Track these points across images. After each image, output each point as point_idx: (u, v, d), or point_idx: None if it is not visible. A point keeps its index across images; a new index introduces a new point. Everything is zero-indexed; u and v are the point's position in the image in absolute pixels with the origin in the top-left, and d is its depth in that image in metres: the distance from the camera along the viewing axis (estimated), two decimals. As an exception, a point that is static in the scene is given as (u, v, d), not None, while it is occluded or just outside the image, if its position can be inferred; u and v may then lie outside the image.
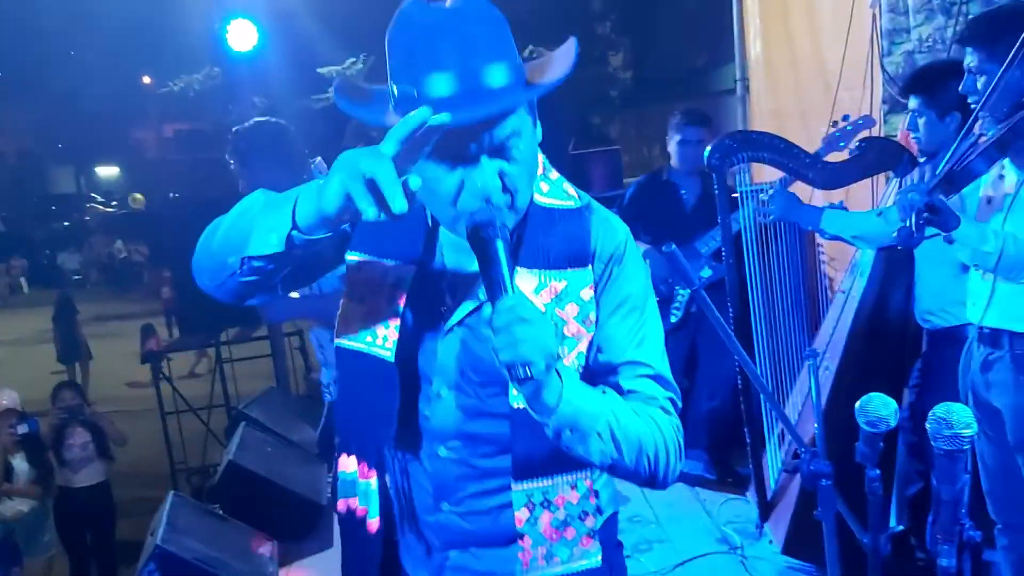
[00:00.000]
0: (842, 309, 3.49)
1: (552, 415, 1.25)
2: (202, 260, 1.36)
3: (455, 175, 1.27)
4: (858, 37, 4.35)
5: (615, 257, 1.41)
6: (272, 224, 1.23)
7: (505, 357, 1.17)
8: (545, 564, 1.41)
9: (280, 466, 4.47)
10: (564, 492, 1.41)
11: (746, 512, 3.97)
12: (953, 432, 1.42)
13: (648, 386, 1.40)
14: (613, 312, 1.40)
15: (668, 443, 1.36)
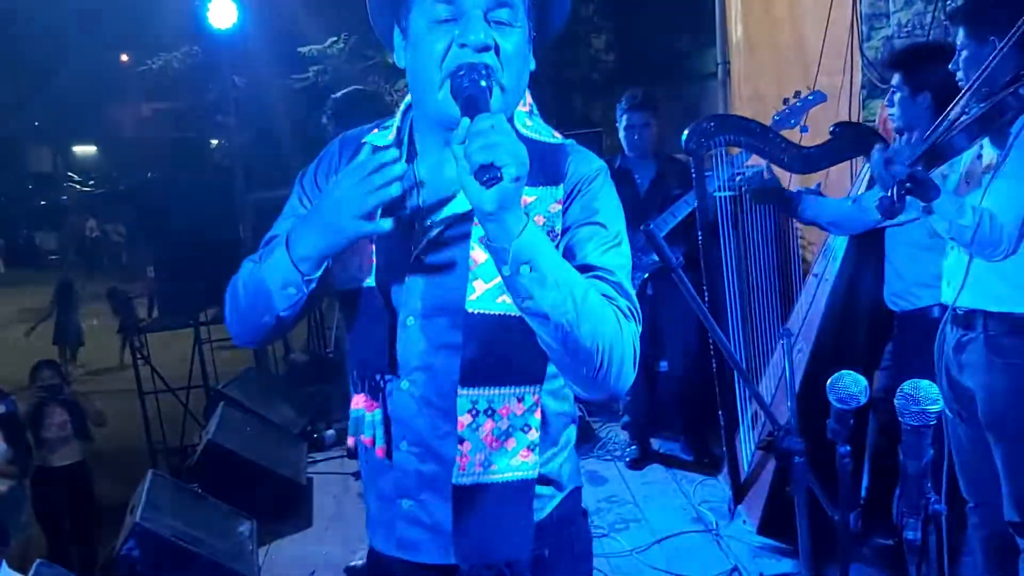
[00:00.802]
0: (815, 292, 3.53)
1: (513, 240, 1.20)
2: (240, 324, 1.48)
3: (446, 36, 1.31)
4: (838, 22, 4.37)
5: (587, 179, 1.43)
6: (283, 280, 1.36)
7: (478, 158, 1.14)
8: (482, 470, 1.40)
9: (259, 446, 4.48)
10: (509, 403, 1.40)
11: (721, 492, 4.03)
12: (920, 408, 1.45)
13: (607, 288, 1.35)
14: (580, 224, 1.40)
15: (625, 339, 1.30)
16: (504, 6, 1.32)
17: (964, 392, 2.66)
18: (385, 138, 1.48)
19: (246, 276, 1.44)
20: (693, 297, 1.83)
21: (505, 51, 1.33)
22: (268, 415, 5.09)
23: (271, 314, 1.40)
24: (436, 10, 1.32)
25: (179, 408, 5.87)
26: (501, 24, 1.33)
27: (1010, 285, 2.51)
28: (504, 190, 1.16)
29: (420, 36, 1.34)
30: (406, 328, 1.44)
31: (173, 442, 5.78)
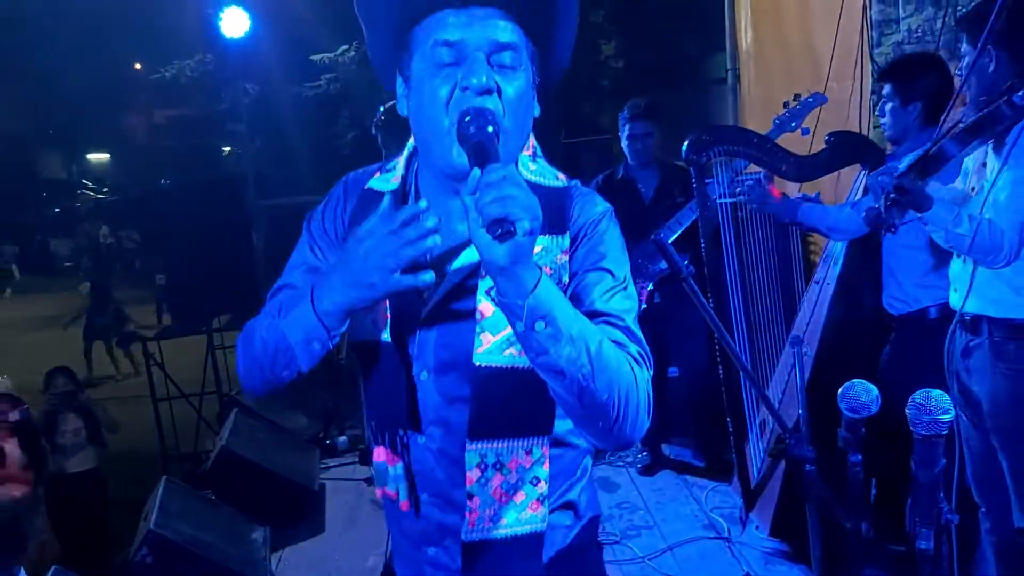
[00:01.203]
0: (817, 297, 3.54)
1: (528, 296, 1.17)
2: (255, 377, 1.44)
3: (449, 80, 1.29)
4: (848, 28, 4.37)
5: (593, 223, 1.41)
6: (307, 336, 1.33)
7: (492, 211, 1.11)
8: (491, 525, 1.39)
9: (272, 452, 4.50)
10: (518, 456, 1.38)
11: (733, 499, 4.02)
12: (932, 418, 1.45)
13: (617, 335, 1.32)
14: (586, 270, 1.38)
15: (639, 388, 1.28)
16: (506, 49, 1.30)
17: (973, 397, 2.67)
18: (388, 182, 1.46)
19: (264, 331, 1.39)
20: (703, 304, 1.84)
21: (508, 94, 1.30)
22: (281, 421, 5.12)
23: (292, 369, 1.38)
24: (438, 53, 1.30)
25: (192, 414, 5.90)
26: (504, 67, 1.30)
27: (1014, 291, 2.53)
28: (518, 244, 1.13)
29: (423, 81, 1.31)
30: (420, 382, 1.43)
31: (186, 448, 5.81)
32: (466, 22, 1.29)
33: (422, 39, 1.32)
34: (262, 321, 1.42)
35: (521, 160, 1.42)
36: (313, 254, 1.49)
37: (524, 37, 1.33)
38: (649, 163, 4.35)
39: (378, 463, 1.49)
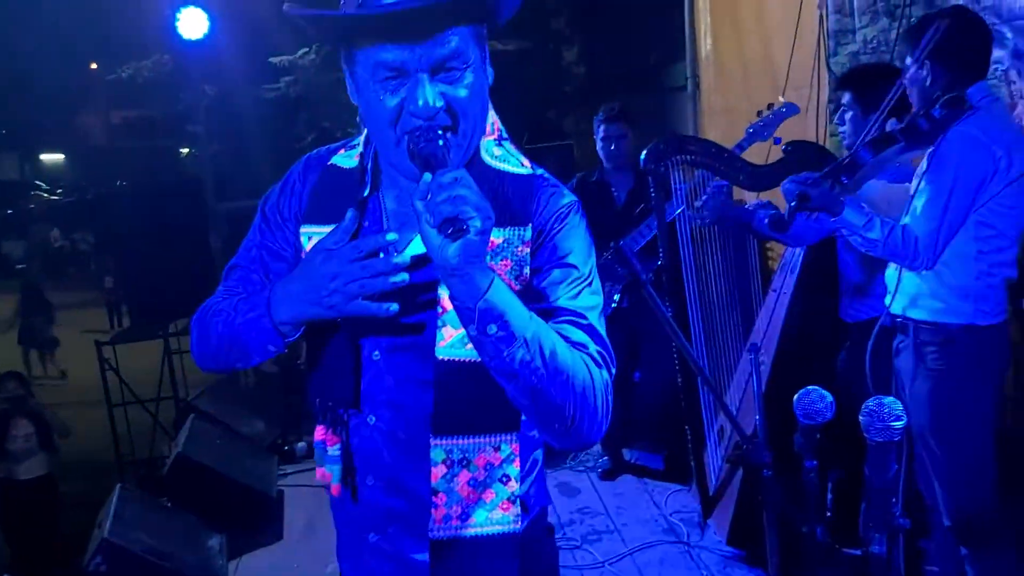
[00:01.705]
0: (774, 306, 3.58)
1: (480, 299, 1.16)
2: (208, 362, 1.49)
3: (396, 96, 1.26)
4: (806, 38, 4.44)
5: (558, 216, 1.38)
6: (264, 340, 1.35)
7: (443, 210, 1.11)
8: (459, 523, 1.37)
9: (230, 458, 4.45)
10: (486, 453, 1.36)
11: (692, 503, 4.05)
12: (884, 424, 1.48)
13: (579, 334, 1.30)
14: (550, 266, 1.35)
15: (596, 389, 1.26)
16: (450, 59, 1.26)
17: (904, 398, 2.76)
18: (351, 159, 1.46)
19: (221, 327, 1.40)
20: (661, 311, 1.85)
21: (459, 100, 1.28)
22: (238, 427, 5.06)
23: (245, 363, 1.42)
24: (380, 72, 1.26)
25: (148, 420, 5.82)
26: (451, 72, 1.27)
27: (935, 296, 2.65)
28: (469, 243, 1.13)
29: (366, 89, 1.29)
30: (372, 362, 1.41)
31: (142, 454, 5.73)
32: (405, 39, 1.23)
33: (363, 52, 1.28)
34: (218, 311, 1.43)
35: (485, 145, 1.41)
36: (263, 235, 1.49)
37: (463, 26, 1.26)
38: (623, 166, 4.37)
39: (317, 442, 1.48)
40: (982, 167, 2.51)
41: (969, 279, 2.60)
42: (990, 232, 2.57)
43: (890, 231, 2.59)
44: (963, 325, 2.61)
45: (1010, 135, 2.56)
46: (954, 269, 2.60)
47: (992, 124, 2.54)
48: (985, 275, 2.60)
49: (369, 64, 1.26)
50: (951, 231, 2.55)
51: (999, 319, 2.64)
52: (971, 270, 2.59)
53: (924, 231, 2.55)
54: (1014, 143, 2.53)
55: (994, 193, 2.52)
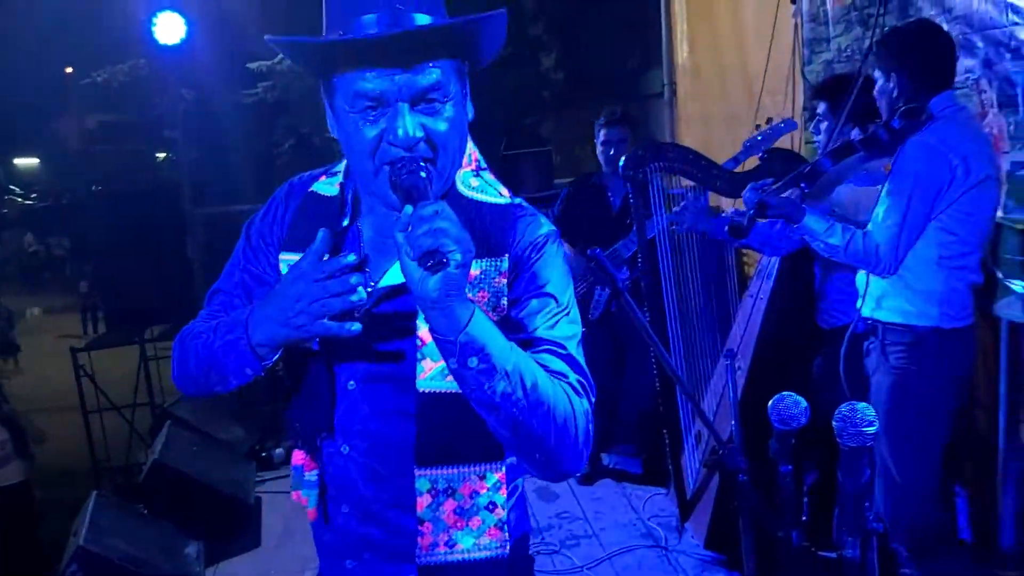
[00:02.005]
0: (751, 311, 3.61)
1: (460, 332, 1.16)
2: (189, 387, 1.48)
3: (376, 126, 1.27)
4: (781, 46, 4.49)
5: (535, 246, 1.38)
6: (241, 364, 1.35)
7: (423, 243, 1.11)
8: (446, 550, 1.39)
9: (206, 465, 4.42)
10: (471, 481, 1.38)
11: (670, 507, 4.07)
12: (857, 430, 1.50)
13: (558, 364, 1.30)
14: (528, 296, 1.35)
15: (577, 419, 1.26)
16: (430, 91, 1.27)
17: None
18: (332, 187, 1.46)
19: (200, 348, 1.40)
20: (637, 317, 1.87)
21: (439, 133, 1.29)
22: (215, 433, 5.03)
23: (224, 387, 1.42)
24: (359, 103, 1.26)
25: (124, 426, 5.77)
26: (431, 104, 1.28)
27: (901, 299, 2.73)
28: (450, 277, 1.12)
29: (346, 119, 1.29)
30: (347, 392, 1.41)
31: (118, 461, 5.68)
32: (385, 72, 1.24)
33: (344, 82, 1.28)
34: (197, 334, 1.42)
35: (462, 176, 1.41)
36: (246, 259, 1.50)
37: (444, 61, 1.28)
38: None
39: (295, 466, 1.49)
40: (939, 175, 2.59)
41: (933, 284, 2.67)
42: (951, 238, 2.64)
43: (851, 238, 2.67)
44: (929, 328, 2.68)
45: (970, 143, 2.62)
46: (918, 274, 2.67)
47: (951, 133, 2.61)
48: (948, 280, 2.67)
49: (349, 94, 1.26)
50: (911, 238, 2.63)
51: (964, 323, 2.71)
52: (935, 275, 2.67)
53: (884, 238, 2.63)
54: (973, 151, 2.60)
55: (952, 200, 2.60)
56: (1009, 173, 2.94)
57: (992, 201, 2.68)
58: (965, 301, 2.70)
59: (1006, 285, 2.98)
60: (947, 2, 3.24)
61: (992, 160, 2.67)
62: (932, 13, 3.30)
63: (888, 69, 2.73)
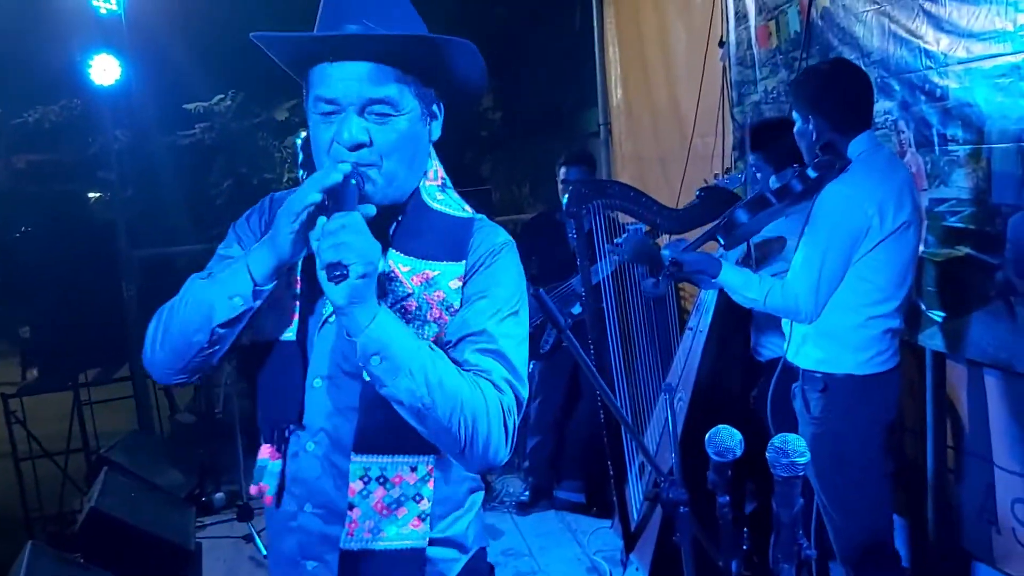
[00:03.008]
0: (691, 344, 3.70)
1: (361, 333, 1.28)
2: (163, 349, 1.46)
3: (330, 128, 1.40)
4: (710, 88, 4.64)
5: (491, 252, 1.49)
6: (231, 291, 1.39)
7: (327, 256, 1.23)
8: (371, 536, 1.44)
9: (145, 511, 4.34)
10: (402, 471, 1.44)
11: (615, 540, 4.11)
12: (790, 460, 1.57)
13: (486, 361, 1.41)
14: (478, 296, 1.46)
15: (491, 413, 1.35)
16: (379, 102, 1.39)
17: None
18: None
19: (184, 291, 1.45)
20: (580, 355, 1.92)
21: (382, 142, 1.40)
22: (154, 479, 4.94)
23: (206, 330, 1.40)
24: (319, 106, 1.41)
25: (56, 473, 5.62)
26: (383, 115, 1.40)
27: (816, 345, 2.74)
28: (352, 286, 1.24)
29: (311, 120, 1.44)
30: (313, 389, 1.48)
31: (51, 510, 5.52)
32: (342, 76, 1.37)
33: (310, 86, 1.43)
34: (190, 284, 1.48)
35: (428, 191, 1.53)
36: (237, 247, 1.57)
37: (407, 79, 1.40)
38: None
39: (260, 460, 1.53)
40: (854, 225, 2.58)
41: (848, 330, 2.67)
42: (867, 285, 2.64)
43: (769, 290, 2.67)
44: (844, 375, 2.69)
45: (886, 189, 2.61)
46: (833, 320, 2.67)
47: (867, 179, 2.61)
48: (862, 327, 2.66)
49: (312, 97, 1.42)
50: (831, 286, 2.62)
51: (881, 369, 2.70)
52: (849, 320, 2.66)
53: (803, 288, 2.62)
54: (889, 198, 2.59)
55: (868, 249, 2.60)
56: (928, 210, 3.03)
57: (909, 246, 2.67)
58: (882, 347, 2.69)
59: (928, 316, 3.11)
60: (865, 47, 3.39)
61: (911, 203, 2.66)
62: (852, 57, 3.45)
63: (806, 111, 2.72)
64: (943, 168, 3.03)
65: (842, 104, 2.68)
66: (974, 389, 3.06)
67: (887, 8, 3.22)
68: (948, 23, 2.91)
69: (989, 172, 2.81)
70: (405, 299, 1.44)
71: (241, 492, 4.87)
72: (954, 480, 3.23)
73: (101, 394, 6.15)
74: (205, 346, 1.41)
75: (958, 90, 2.90)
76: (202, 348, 1.42)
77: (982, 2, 2.74)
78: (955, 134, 2.94)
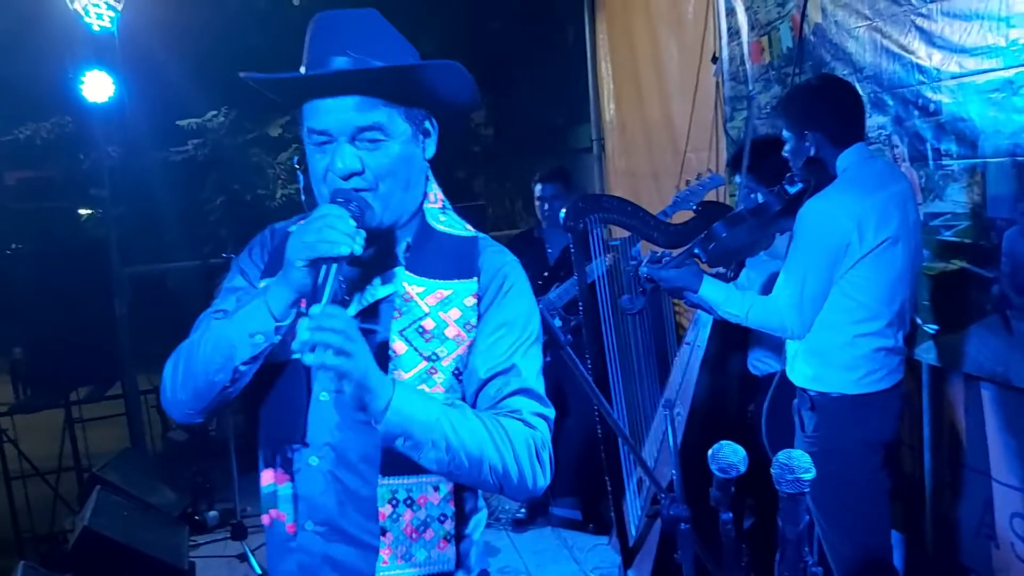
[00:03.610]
0: (688, 359, 3.69)
1: (380, 421, 1.30)
2: (185, 390, 1.47)
3: (325, 158, 1.44)
4: (703, 103, 4.65)
5: (501, 272, 1.52)
6: (252, 328, 1.40)
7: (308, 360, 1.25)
8: (404, 563, 1.44)
9: (138, 530, 4.30)
10: (426, 492, 1.45)
11: (612, 556, 4.09)
12: (795, 476, 1.56)
13: (516, 401, 1.46)
14: (494, 329, 1.48)
15: (519, 455, 1.40)
16: (368, 129, 1.42)
17: None
18: None
19: (203, 332, 1.45)
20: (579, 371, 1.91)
21: (376, 167, 1.44)
22: (147, 497, 4.89)
23: (228, 369, 1.41)
24: (312, 137, 1.45)
25: (48, 493, 5.57)
26: (374, 141, 1.43)
27: (807, 363, 2.72)
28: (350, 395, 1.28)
29: (307, 150, 1.49)
30: (319, 403, 1.48)
31: (42, 530, 5.47)
32: (331, 109, 1.41)
33: (303, 118, 1.47)
34: (207, 325, 1.48)
35: (431, 213, 1.57)
36: (243, 279, 1.58)
37: (394, 105, 1.44)
38: (558, 224, 4.47)
39: (266, 487, 1.51)
40: (832, 241, 2.55)
41: (834, 347, 2.64)
42: (851, 303, 2.60)
43: (751, 306, 2.66)
44: (836, 395, 2.65)
45: (868, 204, 2.56)
46: (819, 337, 2.64)
47: (845, 194, 2.58)
48: (849, 345, 2.62)
49: (305, 129, 1.46)
50: (814, 303, 2.60)
51: (875, 388, 2.65)
52: (835, 339, 2.63)
53: (787, 304, 2.60)
54: (869, 214, 2.54)
55: (850, 265, 2.57)
56: (923, 224, 3.06)
57: (895, 263, 2.61)
58: (873, 366, 2.64)
59: (924, 329, 3.11)
60: (858, 62, 3.40)
61: (898, 218, 2.60)
62: (845, 72, 3.47)
63: (800, 127, 2.69)
64: (938, 182, 3.04)
65: (836, 115, 2.67)
66: (971, 403, 3.05)
67: (879, 24, 3.24)
68: (940, 39, 2.93)
69: (984, 186, 2.81)
70: (422, 319, 1.45)
71: (235, 510, 4.84)
72: (952, 495, 3.22)
73: (92, 411, 6.12)
74: (228, 385, 1.43)
75: (951, 105, 2.91)
76: (224, 387, 1.43)
77: (974, 17, 2.76)
78: (949, 148, 2.95)
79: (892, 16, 3.16)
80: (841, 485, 2.64)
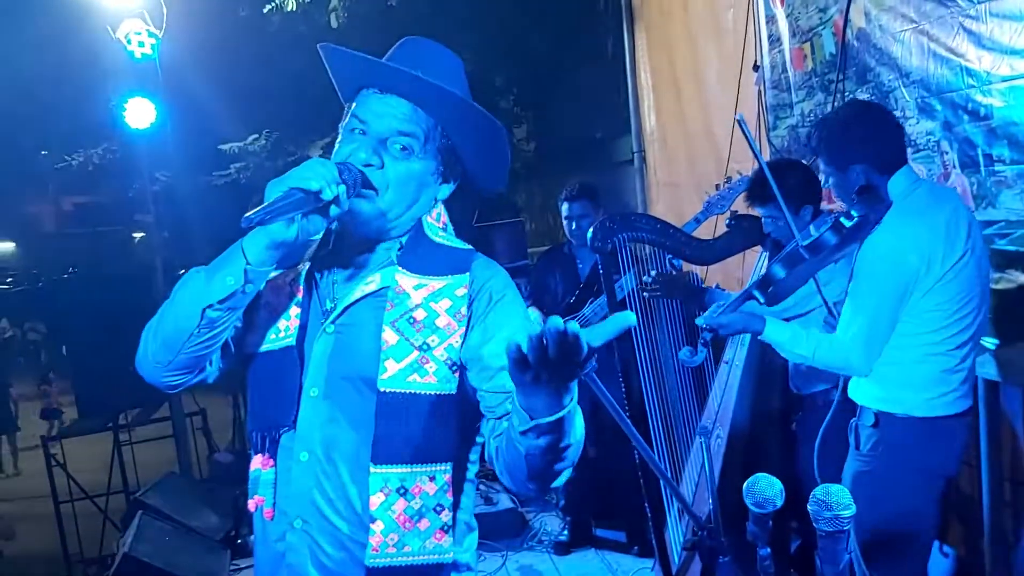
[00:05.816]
0: (727, 379, 3.57)
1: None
2: (155, 339, 1.47)
3: (354, 144, 1.47)
4: (745, 112, 4.54)
5: (493, 283, 1.52)
6: (226, 271, 1.39)
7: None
8: (395, 551, 1.42)
9: (179, 555, 4.31)
10: (421, 482, 1.43)
11: (656, 581, 3.99)
12: (833, 514, 1.46)
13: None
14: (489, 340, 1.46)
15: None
16: (403, 136, 1.47)
17: None
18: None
19: (187, 286, 1.45)
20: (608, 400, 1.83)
21: (392, 173, 1.47)
22: (189, 521, 4.91)
23: (196, 313, 1.39)
24: (352, 122, 1.50)
25: (97, 514, 5.63)
26: (403, 149, 1.47)
27: (870, 381, 2.59)
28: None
29: (342, 134, 1.53)
30: (309, 398, 1.48)
31: (91, 552, 5.52)
32: (382, 107, 1.46)
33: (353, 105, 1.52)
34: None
35: (430, 226, 1.58)
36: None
37: (435, 134, 1.49)
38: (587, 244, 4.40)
39: (253, 472, 1.51)
40: (902, 278, 2.44)
41: (905, 366, 2.51)
42: (923, 326, 2.48)
43: (817, 345, 2.54)
44: (900, 416, 2.53)
45: (931, 234, 2.43)
46: (890, 357, 2.52)
47: (908, 225, 2.45)
48: (920, 363, 2.49)
49: (350, 114, 1.51)
50: (883, 339, 2.49)
51: (945, 412, 2.51)
52: (907, 357, 2.50)
53: (853, 343, 2.49)
54: (936, 243, 2.42)
55: (922, 294, 2.44)
56: (976, 233, 2.93)
57: (965, 283, 2.46)
58: (944, 388, 2.50)
59: (982, 344, 2.97)
60: (904, 67, 3.29)
61: (964, 235, 2.46)
62: (890, 78, 3.36)
63: (843, 161, 2.55)
64: (990, 189, 2.92)
65: (877, 142, 2.52)
66: (1030, 419, 2.92)
67: (926, 26, 3.13)
68: (990, 40, 2.82)
69: (1039, 193, 2.69)
70: (413, 310, 1.46)
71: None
72: (1011, 514, 3.09)
73: (140, 434, 6.19)
74: (195, 331, 1.40)
75: (1003, 108, 2.80)
76: (191, 335, 1.41)
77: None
78: (1001, 154, 2.84)
79: (939, 18, 3.05)
80: (888, 512, 2.50)
